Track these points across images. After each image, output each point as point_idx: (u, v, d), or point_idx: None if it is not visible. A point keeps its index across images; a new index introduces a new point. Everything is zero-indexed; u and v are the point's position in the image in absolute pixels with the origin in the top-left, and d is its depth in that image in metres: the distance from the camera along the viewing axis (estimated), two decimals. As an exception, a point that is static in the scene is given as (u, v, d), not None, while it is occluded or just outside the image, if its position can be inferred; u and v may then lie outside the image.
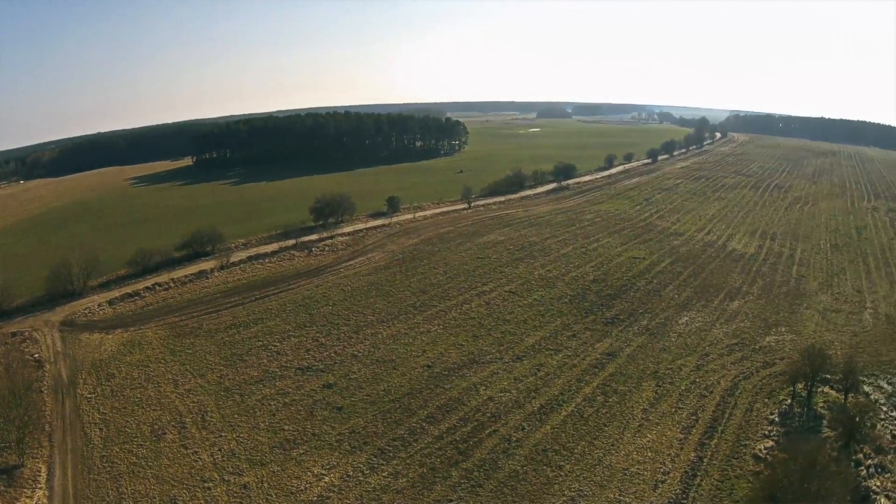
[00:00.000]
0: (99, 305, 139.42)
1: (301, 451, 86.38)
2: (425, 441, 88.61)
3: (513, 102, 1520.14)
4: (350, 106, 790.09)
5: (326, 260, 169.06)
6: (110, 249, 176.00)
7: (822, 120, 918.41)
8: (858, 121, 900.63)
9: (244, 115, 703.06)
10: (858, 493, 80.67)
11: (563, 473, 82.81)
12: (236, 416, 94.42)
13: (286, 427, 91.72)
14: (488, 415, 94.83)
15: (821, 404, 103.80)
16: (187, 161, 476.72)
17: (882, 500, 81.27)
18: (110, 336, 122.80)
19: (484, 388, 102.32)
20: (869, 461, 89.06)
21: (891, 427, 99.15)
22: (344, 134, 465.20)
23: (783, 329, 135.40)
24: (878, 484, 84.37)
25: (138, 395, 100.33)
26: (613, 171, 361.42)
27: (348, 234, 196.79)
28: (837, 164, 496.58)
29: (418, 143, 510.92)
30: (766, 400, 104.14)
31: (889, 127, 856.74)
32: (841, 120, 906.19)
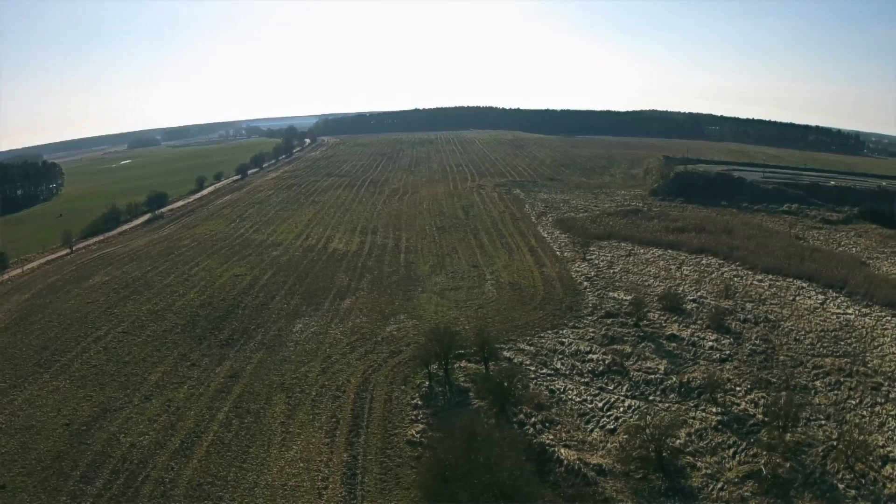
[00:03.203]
0: None
1: (-15, 542, 79.54)
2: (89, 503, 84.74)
3: (102, 136, 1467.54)
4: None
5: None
6: None
7: (416, 111, 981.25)
8: (456, 107, 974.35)
9: None
10: (534, 450, 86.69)
11: None
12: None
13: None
14: (136, 462, 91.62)
15: (462, 379, 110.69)
16: None
17: (561, 449, 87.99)
18: None
19: (123, 435, 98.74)
20: (533, 419, 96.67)
21: (546, 383, 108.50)
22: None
23: (402, 317, 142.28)
24: (552, 437, 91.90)
25: None
26: (205, 192, 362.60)
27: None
28: (436, 150, 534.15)
29: (19, 192, 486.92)
30: (403, 387, 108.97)
31: (490, 108, 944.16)
32: (437, 108, 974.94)
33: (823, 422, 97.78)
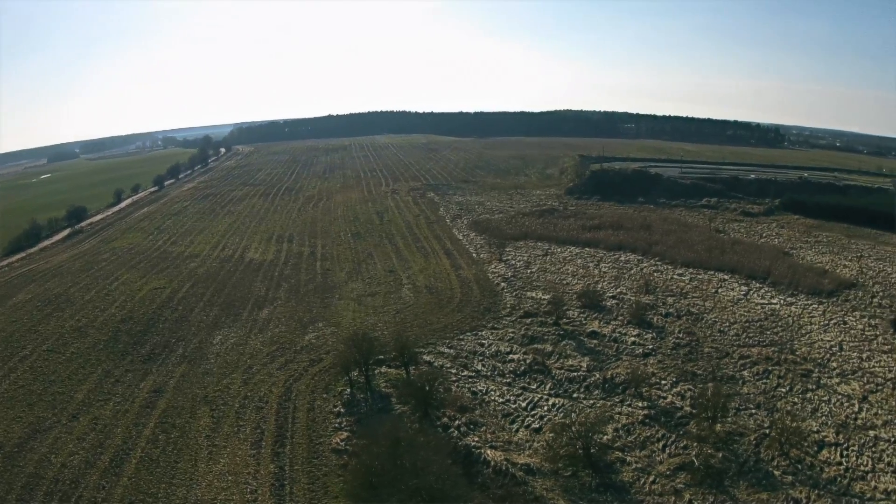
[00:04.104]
0: None
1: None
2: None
3: (21, 151, 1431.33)
4: None
5: None
6: None
7: (330, 118, 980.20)
8: (370, 112, 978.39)
9: None
10: (459, 452, 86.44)
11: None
12: None
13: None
14: (68, 482, 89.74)
15: (383, 384, 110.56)
16: None
17: (487, 451, 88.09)
18: None
19: (54, 456, 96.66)
20: (457, 421, 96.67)
21: (467, 385, 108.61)
22: None
23: (321, 325, 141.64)
24: (477, 438, 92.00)
25: None
26: (123, 204, 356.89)
27: None
28: (350, 156, 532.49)
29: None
30: (325, 395, 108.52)
31: (404, 112, 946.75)
32: (351, 114, 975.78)
33: (754, 411, 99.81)
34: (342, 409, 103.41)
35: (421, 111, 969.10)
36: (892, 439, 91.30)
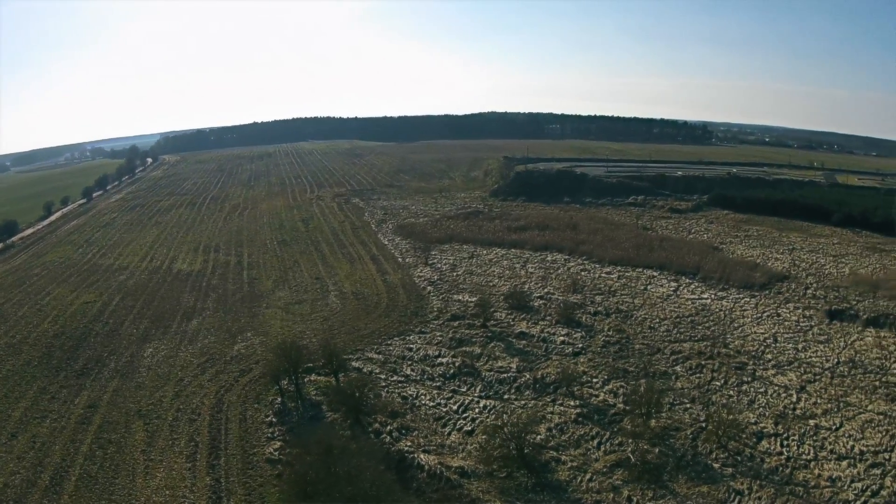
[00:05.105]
0: None
1: None
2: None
3: None
4: None
5: None
6: None
7: (255, 125, 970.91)
8: (294, 118, 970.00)
9: None
10: (393, 458, 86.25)
11: (102, 541, 78.89)
12: None
13: None
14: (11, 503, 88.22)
15: (314, 392, 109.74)
16: None
17: (420, 455, 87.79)
18: None
19: None
20: (389, 427, 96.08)
21: (397, 390, 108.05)
22: None
23: (249, 334, 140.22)
24: (410, 443, 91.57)
25: None
26: (53, 217, 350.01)
27: None
28: (274, 164, 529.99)
29: None
30: (256, 405, 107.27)
31: (328, 118, 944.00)
32: (275, 121, 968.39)
33: (689, 405, 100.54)
34: (274, 419, 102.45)
35: (345, 116, 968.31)
36: (834, 427, 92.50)
